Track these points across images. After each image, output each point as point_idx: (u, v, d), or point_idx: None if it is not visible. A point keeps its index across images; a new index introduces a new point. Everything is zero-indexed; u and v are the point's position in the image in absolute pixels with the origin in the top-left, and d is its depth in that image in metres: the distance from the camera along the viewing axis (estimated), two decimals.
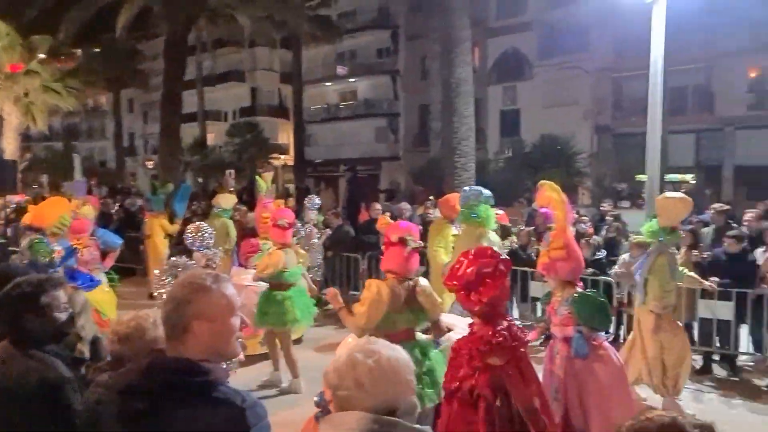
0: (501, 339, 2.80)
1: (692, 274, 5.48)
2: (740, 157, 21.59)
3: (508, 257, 3.02)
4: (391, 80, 31.03)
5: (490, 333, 2.80)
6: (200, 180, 28.89)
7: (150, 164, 35.41)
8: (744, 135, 21.58)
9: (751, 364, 6.42)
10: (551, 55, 24.08)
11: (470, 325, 3.07)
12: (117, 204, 14.96)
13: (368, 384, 1.36)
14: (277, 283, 5.55)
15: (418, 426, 1.40)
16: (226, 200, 9.15)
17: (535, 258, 7.27)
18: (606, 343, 3.97)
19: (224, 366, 1.67)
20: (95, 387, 1.99)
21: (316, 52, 30.55)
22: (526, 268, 7.36)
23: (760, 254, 6.28)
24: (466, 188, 5.98)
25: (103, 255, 6.25)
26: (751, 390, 5.78)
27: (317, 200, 8.92)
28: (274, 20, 20.29)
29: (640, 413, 1.25)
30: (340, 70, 32.97)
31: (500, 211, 8.32)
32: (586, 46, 23.16)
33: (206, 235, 4.93)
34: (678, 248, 6.69)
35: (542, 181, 4.44)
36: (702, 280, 5.56)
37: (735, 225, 7.32)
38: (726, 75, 20.95)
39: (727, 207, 7.98)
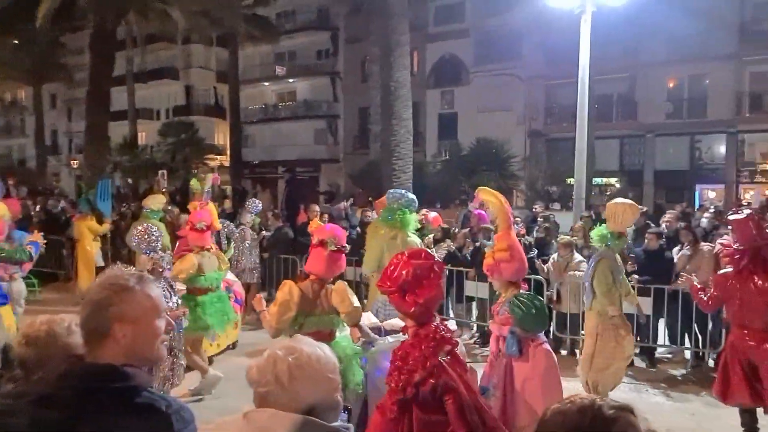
0: (444, 332, 2.84)
1: (634, 294, 5.55)
2: (660, 162, 23.05)
3: (440, 259, 3.01)
4: (331, 82, 30.93)
5: (432, 329, 2.82)
6: (130, 181, 27.64)
7: (75, 164, 33.55)
8: (663, 141, 23.07)
9: (669, 355, 6.85)
10: (487, 62, 24.80)
11: (404, 329, 3.09)
12: (37, 206, 14.06)
13: (287, 381, 1.35)
14: (192, 287, 5.41)
15: (338, 424, 1.40)
16: (155, 201, 8.81)
17: (470, 259, 7.48)
18: (542, 345, 4.05)
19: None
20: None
21: (253, 51, 29.99)
22: (462, 269, 7.52)
23: (676, 252, 6.71)
24: (392, 190, 5.99)
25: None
26: (668, 379, 6.16)
27: (258, 203, 8.71)
28: (210, 17, 19.74)
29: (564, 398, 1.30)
30: (279, 70, 32.54)
31: (434, 214, 8.51)
32: (519, 54, 24.01)
33: (154, 236, 4.60)
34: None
35: (480, 188, 4.58)
36: (639, 307, 5.53)
37: (653, 225, 7.82)
38: (647, 84, 22.31)
39: (645, 209, 8.47)
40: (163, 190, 11.08)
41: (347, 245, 4.20)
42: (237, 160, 27.09)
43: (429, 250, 5.53)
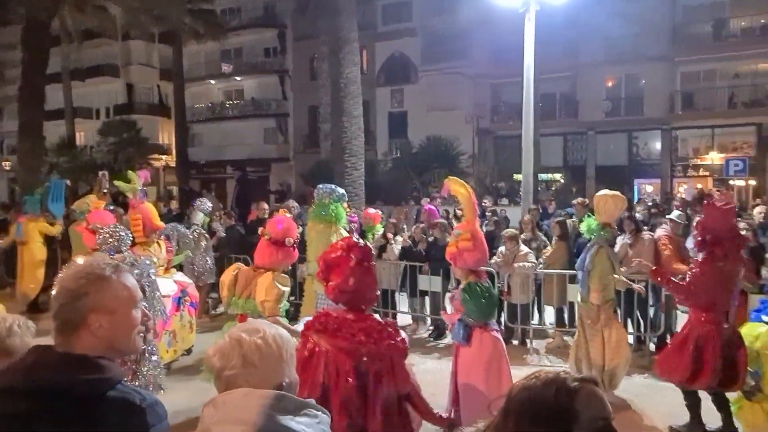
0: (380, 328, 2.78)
1: (623, 278, 5.76)
2: (600, 158, 24.04)
3: (364, 246, 2.89)
4: (280, 80, 30.57)
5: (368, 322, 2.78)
6: (68, 183, 26.38)
7: (7, 165, 31.71)
8: (603, 138, 24.07)
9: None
10: (435, 61, 25.14)
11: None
12: None
13: (257, 360, 1.35)
14: None
15: (307, 400, 1.41)
16: (82, 203, 8.36)
17: (424, 253, 7.58)
18: (491, 333, 4.12)
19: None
20: None
21: (198, 48, 29.21)
22: (416, 263, 7.61)
23: (620, 241, 7.01)
24: (321, 186, 5.93)
25: None
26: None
27: (209, 203, 8.42)
28: (152, 12, 19.09)
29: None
30: (225, 68, 31.86)
31: (373, 211, 8.55)
32: (466, 53, 24.46)
33: (118, 236, 4.34)
34: (550, 240, 7.31)
35: (450, 177, 4.67)
36: (631, 283, 5.82)
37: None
38: (587, 84, 23.22)
39: (587, 201, 8.80)
40: (105, 191, 10.58)
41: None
42: (183, 160, 26.37)
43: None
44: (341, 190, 5.88)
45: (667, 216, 7.53)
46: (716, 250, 4.18)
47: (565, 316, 7.18)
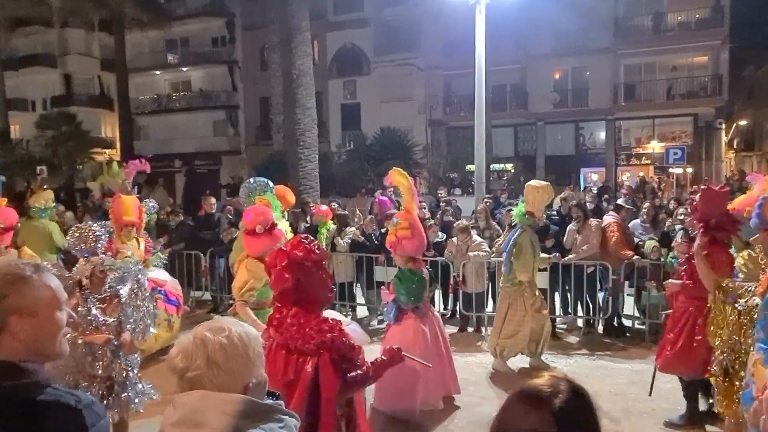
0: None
1: (543, 255, 6.18)
2: (549, 148, 24.70)
3: (302, 247, 2.78)
4: (229, 71, 29.81)
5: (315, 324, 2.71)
6: (3, 179, 24.95)
7: None
8: (552, 129, 24.72)
9: (563, 325, 7.39)
10: (387, 52, 25.12)
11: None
12: None
13: (221, 360, 1.30)
14: None
15: (272, 402, 1.38)
16: (42, 198, 7.96)
17: (378, 244, 7.58)
18: (414, 318, 4.48)
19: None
20: None
21: (142, 37, 28.06)
22: (370, 255, 7.60)
23: (569, 229, 7.22)
24: (250, 180, 5.80)
25: None
26: (564, 346, 6.66)
27: (153, 203, 8.02)
28: None
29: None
30: (171, 58, 30.79)
31: (324, 207, 8.50)
32: (418, 44, 24.55)
33: (94, 236, 3.87)
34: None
35: (394, 168, 4.85)
36: (549, 257, 6.40)
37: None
38: (536, 76, 23.76)
39: None
40: (45, 187, 10.06)
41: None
42: (128, 154, 25.30)
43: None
44: (262, 179, 5.69)
45: (616, 202, 7.80)
46: (719, 235, 4.05)
47: None
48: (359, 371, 2.66)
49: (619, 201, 7.45)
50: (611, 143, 24.08)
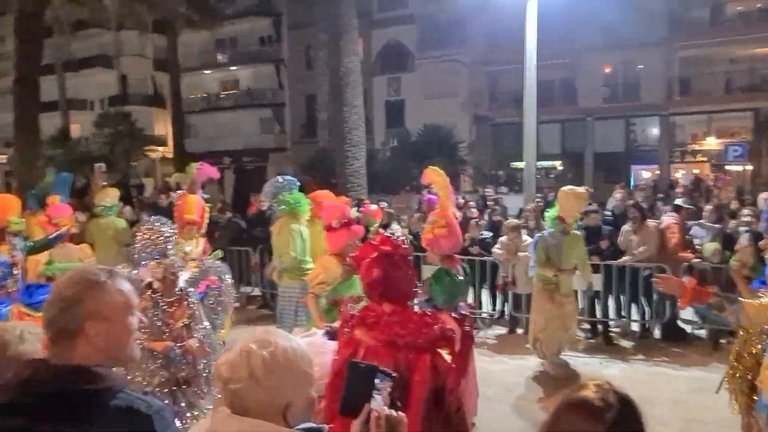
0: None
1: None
2: (598, 145, 23.99)
3: (393, 241, 2.85)
4: (275, 69, 30.32)
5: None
6: (73, 177, 26.20)
7: (3, 158, 31.45)
8: (601, 125, 24.01)
9: (617, 329, 7.17)
10: (432, 48, 24.96)
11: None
12: None
13: (262, 376, 1.28)
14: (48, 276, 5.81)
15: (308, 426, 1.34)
16: (109, 196, 8.24)
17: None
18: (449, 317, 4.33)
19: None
20: None
21: (192, 37, 28.91)
22: (418, 253, 7.56)
23: (624, 230, 6.99)
24: (279, 178, 5.74)
25: None
26: (619, 351, 6.46)
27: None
28: (145, 1, 18.84)
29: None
30: (220, 57, 31.56)
31: (374, 206, 8.49)
32: (463, 40, 24.29)
33: (163, 236, 3.60)
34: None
35: (430, 167, 4.80)
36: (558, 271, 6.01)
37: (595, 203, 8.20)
38: (585, 70, 23.10)
39: (591, 190, 8.79)
40: (103, 184, 10.47)
41: None
42: (180, 152, 26.17)
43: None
44: (287, 178, 5.65)
45: (675, 202, 7.49)
46: None
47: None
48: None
49: (678, 201, 7.16)
50: (664, 139, 23.20)
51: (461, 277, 4.50)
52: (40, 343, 1.78)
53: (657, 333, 6.86)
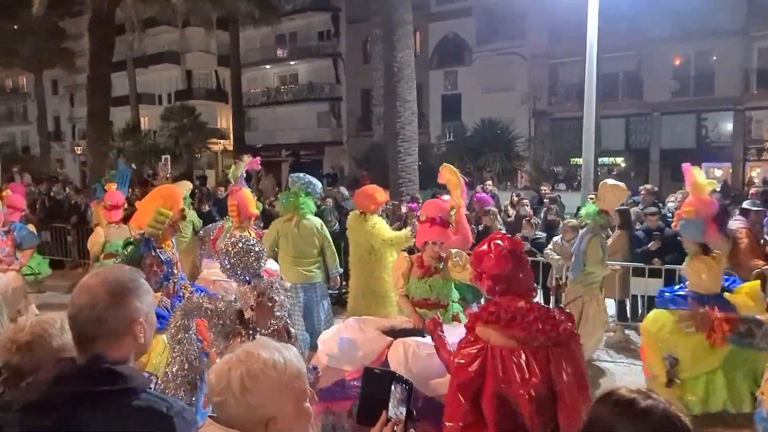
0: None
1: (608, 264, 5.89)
2: (666, 141, 22.82)
3: (513, 237, 2.87)
4: (333, 64, 30.65)
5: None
6: (134, 166, 27.58)
7: (79, 150, 33.51)
8: (669, 120, 22.81)
9: None
10: (490, 41, 24.48)
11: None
12: (43, 193, 14.07)
13: (239, 391, 1.25)
14: (106, 254, 6.46)
15: None
16: (184, 188, 8.58)
17: (474, 242, 7.43)
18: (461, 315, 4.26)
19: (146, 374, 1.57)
20: None
21: (254, 33, 29.66)
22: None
23: None
24: (292, 174, 5.78)
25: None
26: None
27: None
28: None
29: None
30: (280, 52, 32.22)
31: (447, 197, 8.40)
32: (522, 32, 23.67)
33: (254, 253, 2.99)
34: (612, 229, 6.98)
35: (444, 165, 4.87)
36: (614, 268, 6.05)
37: (660, 204, 7.78)
38: (653, 62, 21.99)
39: (655, 188, 8.38)
40: (168, 176, 10.96)
41: None
42: (240, 144, 27.01)
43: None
44: (309, 179, 5.60)
45: (743, 205, 7.01)
46: None
47: (627, 309, 6.88)
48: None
49: (745, 204, 6.69)
50: (740, 135, 21.77)
51: None
52: None
53: None
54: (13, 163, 24.32)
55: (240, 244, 2.98)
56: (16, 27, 25.73)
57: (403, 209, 8.14)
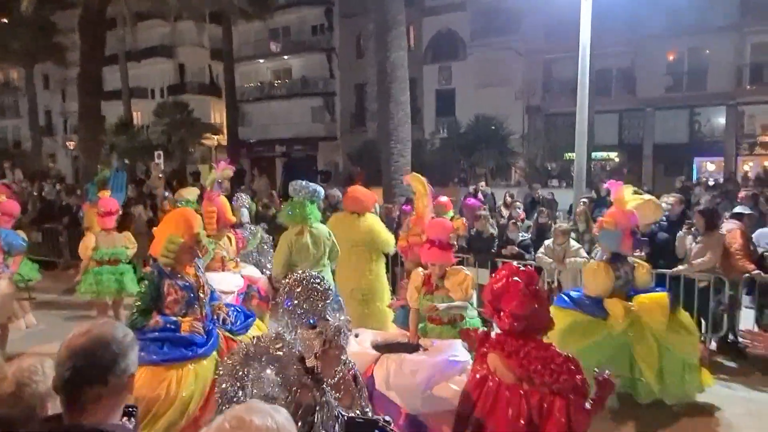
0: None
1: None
2: (659, 136, 22.89)
3: (528, 270, 2.75)
4: (327, 58, 30.48)
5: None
6: (127, 162, 27.39)
7: (71, 145, 33.24)
8: (662, 115, 22.87)
9: None
10: (484, 36, 24.39)
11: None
12: (34, 192, 13.96)
13: None
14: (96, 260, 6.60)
15: None
16: (191, 193, 8.45)
17: (467, 246, 7.43)
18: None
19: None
20: None
21: (247, 27, 29.45)
22: (460, 256, 7.45)
23: (680, 236, 6.63)
24: (293, 182, 5.48)
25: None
26: None
27: (245, 199, 8.06)
28: None
29: None
30: (274, 46, 32.00)
31: (444, 198, 8.40)
32: (517, 27, 23.59)
33: (321, 291, 2.47)
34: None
35: (411, 174, 4.95)
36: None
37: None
38: (646, 58, 21.99)
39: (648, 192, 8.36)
40: (160, 176, 10.90)
41: None
42: (234, 140, 26.85)
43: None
44: (314, 187, 5.41)
45: (735, 210, 7.01)
46: None
47: None
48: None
49: (738, 209, 6.70)
50: (732, 130, 21.86)
51: None
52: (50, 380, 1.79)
53: (713, 345, 6.50)
54: (5, 159, 24.12)
55: (305, 282, 2.49)
56: (6, 21, 25.42)
57: (396, 212, 8.14)
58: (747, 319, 6.45)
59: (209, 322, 3.74)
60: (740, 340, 6.39)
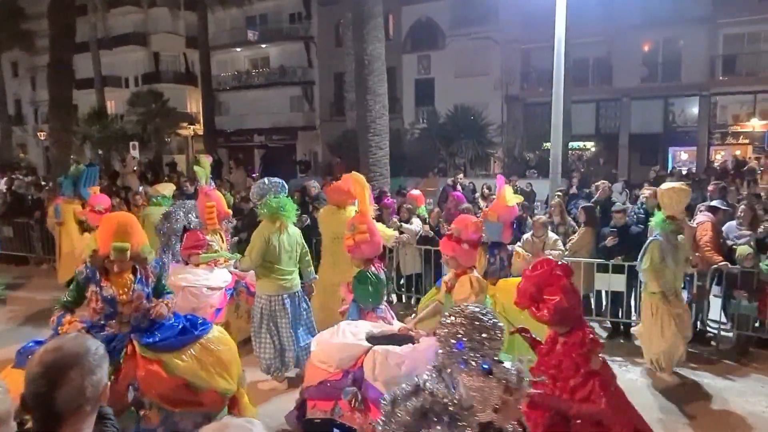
0: (593, 336, 2.87)
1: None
2: (635, 126, 23.23)
3: (565, 264, 3.01)
4: (305, 47, 30.17)
5: (581, 336, 2.84)
6: (100, 152, 26.84)
7: (42, 135, 32.44)
8: (638, 105, 23.19)
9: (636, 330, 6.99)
10: (463, 26, 24.37)
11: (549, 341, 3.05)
12: (4, 185, 13.61)
13: None
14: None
15: None
16: (167, 189, 8.25)
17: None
18: (375, 316, 4.32)
19: None
20: None
21: (223, 15, 28.96)
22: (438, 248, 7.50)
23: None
24: (265, 180, 5.37)
25: None
26: (639, 353, 6.31)
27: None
28: None
29: None
30: (251, 35, 31.55)
31: (416, 192, 8.42)
32: (496, 17, 23.62)
33: (489, 328, 2.08)
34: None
35: (352, 173, 5.10)
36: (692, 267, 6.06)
37: (614, 201, 8.03)
38: (622, 49, 22.23)
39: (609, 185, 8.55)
40: (134, 169, 10.70)
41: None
42: (211, 129, 26.48)
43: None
44: (274, 181, 5.33)
45: (710, 203, 7.17)
46: None
47: (592, 303, 7.03)
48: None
49: (715, 203, 6.86)
50: (705, 120, 22.27)
51: (383, 279, 4.59)
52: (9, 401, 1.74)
53: None
54: None
55: (470, 318, 2.04)
56: None
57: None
58: (714, 308, 6.65)
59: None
60: (708, 329, 6.60)
